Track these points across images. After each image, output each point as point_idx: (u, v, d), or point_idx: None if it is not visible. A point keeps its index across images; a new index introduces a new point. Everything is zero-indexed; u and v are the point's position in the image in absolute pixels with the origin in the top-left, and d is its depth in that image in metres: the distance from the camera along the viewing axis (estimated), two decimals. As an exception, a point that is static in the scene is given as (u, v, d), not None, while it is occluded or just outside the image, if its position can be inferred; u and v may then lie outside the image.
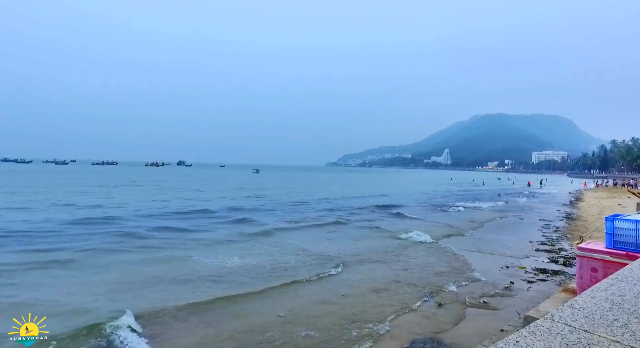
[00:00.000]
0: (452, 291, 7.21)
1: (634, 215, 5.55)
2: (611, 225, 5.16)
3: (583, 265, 5.30)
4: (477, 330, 5.45)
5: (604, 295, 1.57)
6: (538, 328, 1.25)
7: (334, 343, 5.04)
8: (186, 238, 11.95)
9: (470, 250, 11.10)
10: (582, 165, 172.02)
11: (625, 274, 1.82)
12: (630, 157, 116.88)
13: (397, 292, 7.18)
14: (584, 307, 1.45)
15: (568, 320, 1.33)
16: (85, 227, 13.45)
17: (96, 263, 8.75)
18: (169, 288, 7.09)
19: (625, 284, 1.68)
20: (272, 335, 5.19)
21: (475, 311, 6.24)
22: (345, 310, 6.17)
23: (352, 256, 10.02)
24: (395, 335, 5.28)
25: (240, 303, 6.44)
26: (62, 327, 5.18)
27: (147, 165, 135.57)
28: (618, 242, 5.10)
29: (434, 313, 6.11)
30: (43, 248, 10.16)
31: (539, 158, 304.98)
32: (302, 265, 8.97)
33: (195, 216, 17.34)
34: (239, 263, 9.00)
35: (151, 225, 14.42)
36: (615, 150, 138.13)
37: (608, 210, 19.16)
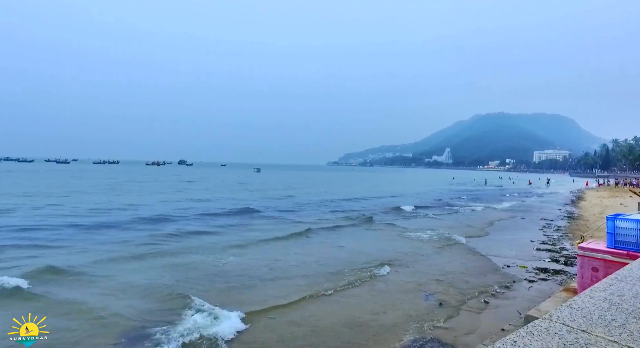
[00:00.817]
0: (458, 287, 7.22)
1: (635, 214, 5.54)
2: (612, 225, 5.16)
3: (584, 264, 5.29)
4: (478, 329, 5.46)
5: (603, 295, 1.57)
6: (536, 328, 1.25)
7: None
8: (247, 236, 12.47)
9: (482, 250, 11.10)
10: (583, 165, 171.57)
11: (624, 274, 1.82)
12: (633, 156, 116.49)
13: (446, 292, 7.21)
14: (583, 307, 1.44)
15: (566, 320, 1.33)
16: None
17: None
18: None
19: (625, 284, 1.68)
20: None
21: (477, 310, 6.25)
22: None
23: (399, 255, 10.14)
24: (396, 334, 5.29)
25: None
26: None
27: (148, 164, 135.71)
28: (619, 242, 5.09)
29: (435, 312, 6.12)
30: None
31: (541, 157, 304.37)
32: (351, 264, 9.10)
33: (249, 215, 18.27)
34: (302, 260, 9.49)
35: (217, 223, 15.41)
36: (617, 149, 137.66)
37: (610, 210, 19.11)
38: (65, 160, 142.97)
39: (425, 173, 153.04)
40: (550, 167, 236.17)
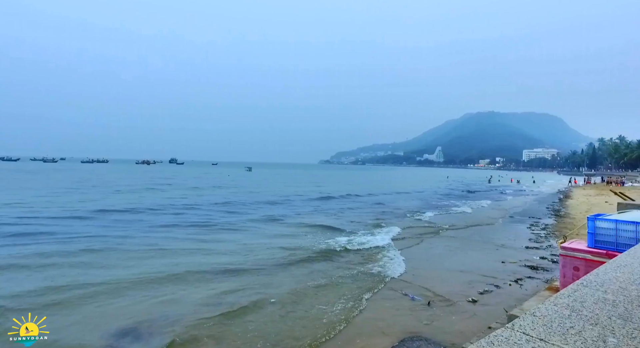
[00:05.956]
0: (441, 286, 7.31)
1: (615, 214, 5.68)
2: (592, 225, 5.28)
3: (566, 264, 5.42)
4: (465, 327, 5.55)
5: (566, 302, 1.61)
6: (497, 337, 1.29)
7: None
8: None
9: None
10: (571, 163, 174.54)
11: (591, 279, 1.88)
12: (618, 155, 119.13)
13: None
14: (545, 314, 1.48)
15: (527, 329, 1.36)
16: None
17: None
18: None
19: (589, 290, 1.73)
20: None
21: (464, 308, 6.34)
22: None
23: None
24: (384, 334, 5.35)
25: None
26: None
27: (138, 163, 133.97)
28: (599, 241, 5.22)
29: (423, 311, 6.20)
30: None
31: (530, 156, 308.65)
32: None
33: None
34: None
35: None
36: (604, 148, 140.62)
37: (596, 208, 19.51)
38: (52, 159, 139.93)
39: (418, 172, 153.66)
40: (539, 165, 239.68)
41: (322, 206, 22.73)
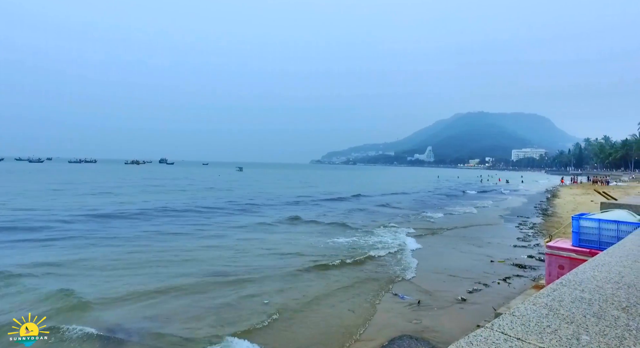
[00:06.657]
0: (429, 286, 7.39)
1: (598, 214, 5.82)
2: (577, 224, 5.41)
3: (551, 262, 5.53)
4: (455, 326, 5.62)
5: (545, 301, 1.67)
6: (476, 337, 1.33)
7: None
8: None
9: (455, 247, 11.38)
10: (559, 163, 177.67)
11: (570, 278, 1.94)
12: (603, 155, 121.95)
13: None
14: (524, 314, 1.53)
15: (505, 329, 1.41)
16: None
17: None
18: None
19: (567, 289, 1.79)
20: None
21: (454, 307, 6.42)
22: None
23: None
24: (374, 333, 5.39)
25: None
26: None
27: (127, 163, 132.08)
28: (583, 240, 5.35)
29: (413, 311, 6.26)
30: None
31: (519, 155, 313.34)
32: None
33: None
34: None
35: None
36: (590, 148, 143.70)
37: (582, 207, 19.91)
38: (38, 159, 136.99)
39: (409, 171, 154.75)
40: (527, 165, 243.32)
41: (296, 207, 22.46)
